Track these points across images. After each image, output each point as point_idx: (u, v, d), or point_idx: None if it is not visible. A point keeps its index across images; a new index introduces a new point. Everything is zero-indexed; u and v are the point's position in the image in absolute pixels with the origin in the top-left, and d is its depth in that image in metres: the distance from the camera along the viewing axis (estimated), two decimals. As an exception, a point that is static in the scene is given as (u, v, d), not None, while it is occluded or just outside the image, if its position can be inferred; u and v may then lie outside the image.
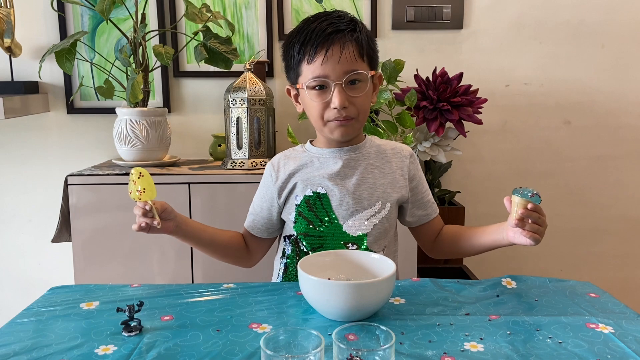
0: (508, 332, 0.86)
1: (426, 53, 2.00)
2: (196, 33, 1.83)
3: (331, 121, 1.11)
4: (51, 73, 2.00)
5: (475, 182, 2.09)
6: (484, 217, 2.03)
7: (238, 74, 1.80)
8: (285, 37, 1.17)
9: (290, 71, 1.16)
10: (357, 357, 0.68)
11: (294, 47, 1.12)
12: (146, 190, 1.02)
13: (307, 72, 1.10)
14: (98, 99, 2.02)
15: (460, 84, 1.80)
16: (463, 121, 1.79)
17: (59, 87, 2.02)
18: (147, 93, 1.78)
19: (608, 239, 2.13)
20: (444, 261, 1.97)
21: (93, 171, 1.69)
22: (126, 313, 0.87)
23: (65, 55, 1.64)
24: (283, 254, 1.22)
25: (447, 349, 0.81)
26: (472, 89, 1.82)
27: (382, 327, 0.74)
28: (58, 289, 1.05)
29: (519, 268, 2.10)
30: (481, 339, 0.84)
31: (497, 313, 0.94)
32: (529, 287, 1.05)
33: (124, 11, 1.90)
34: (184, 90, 2.04)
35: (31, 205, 2.08)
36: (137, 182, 1.02)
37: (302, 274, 0.90)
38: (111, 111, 1.88)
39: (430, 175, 1.97)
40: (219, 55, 1.71)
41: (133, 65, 1.73)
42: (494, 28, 2.00)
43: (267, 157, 1.76)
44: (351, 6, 1.96)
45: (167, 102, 2.02)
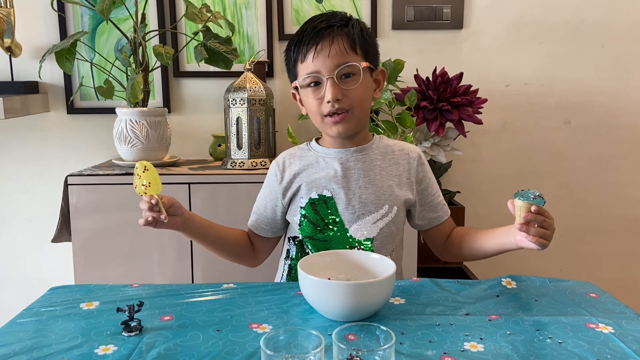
0: (508, 332, 0.86)
1: (426, 53, 2.00)
2: (196, 33, 1.83)
3: (327, 116, 1.10)
4: (51, 73, 2.00)
5: (475, 182, 2.09)
6: (484, 217, 2.03)
7: (238, 74, 1.80)
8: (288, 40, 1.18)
9: (289, 74, 1.17)
10: (357, 357, 0.68)
11: (291, 49, 1.13)
12: (152, 184, 1.01)
13: (302, 71, 1.11)
14: (98, 99, 2.02)
15: (460, 84, 1.80)
16: (463, 121, 1.79)
17: (59, 87, 2.02)
18: (147, 93, 1.78)
19: (608, 239, 2.13)
20: (444, 261, 1.97)
21: (93, 171, 1.69)
22: (126, 313, 0.87)
23: (65, 55, 1.64)
24: (287, 255, 1.21)
25: (447, 349, 0.81)
26: (472, 89, 1.82)
27: (382, 327, 0.73)
28: (58, 289, 1.05)
29: (519, 268, 2.10)
30: (481, 339, 0.84)
31: (497, 313, 0.93)
32: (529, 287, 1.05)
33: (124, 11, 1.90)
34: (184, 90, 2.04)
35: (31, 205, 2.08)
36: (143, 176, 1.01)
37: (302, 274, 0.90)
38: (111, 111, 1.88)
39: (430, 175, 1.97)
40: (219, 55, 1.71)
41: (133, 65, 1.73)
42: (494, 28, 2.00)
43: (267, 157, 1.76)
44: (351, 6, 1.96)
45: (167, 102, 2.02)
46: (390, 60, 1.74)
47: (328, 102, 1.08)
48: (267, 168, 1.72)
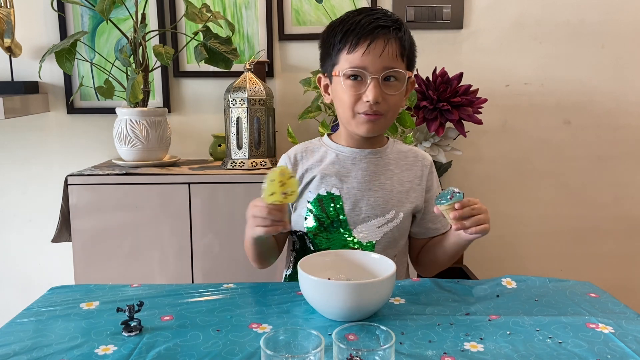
0: (508, 332, 0.86)
1: (426, 53, 2.00)
2: (196, 33, 1.83)
3: (360, 114, 1.09)
4: (51, 73, 2.00)
5: (475, 182, 2.08)
6: (484, 217, 2.03)
7: (238, 74, 1.80)
8: (326, 27, 1.15)
9: (327, 59, 1.14)
10: (357, 357, 0.68)
11: (336, 36, 1.10)
12: (293, 192, 0.94)
13: (345, 62, 1.08)
14: (98, 99, 2.02)
15: (460, 84, 1.80)
16: (463, 121, 1.79)
17: (59, 87, 2.02)
18: (147, 93, 1.78)
19: (608, 239, 2.13)
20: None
21: (93, 171, 1.69)
22: (126, 313, 0.87)
23: (65, 55, 1.64)
24: (293, 247, 1.22)
25: (447, 349, 0.81)
26: (472, 89, 1.82)
27: (382, 327, 0.74)
28: (58, 289, 1.05)
29: (519, 268, 2.10)
30: (481, 339, 0.84)
31: (497, 313, 0.94)
32: (529, 287, 1.05)
33: (124, 11, 1.90)
34: (184, 90, 2.04)
35: (31, 205, 2.08)
36: (288, 184, 0.93)
37: (302, 274, 0.90)
38: (111, 111, 1.87)
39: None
40: (219, 55, 1.71)
41: (133, 65, 1.73)
42: (494, 28, 2.00)
43: (267, 157, 1.76)
44: (351, 6, 1.96)
45: (167, 102, 2.02)
46: (390, 60, 1.73)
47: (367, 102, 1.07)
48: (268, 168, 1.73)
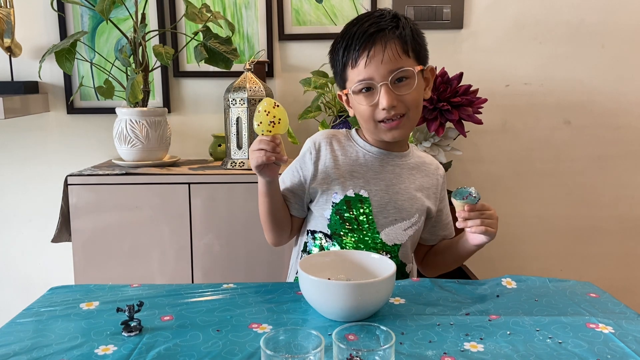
0: (508, 332, 0.86)
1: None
2: (196, 33, 1.83)
3: (382, 122, 1.09)
4: (51, 73, 2.00)
5: (475, 182, 2.08)
6: (484, 217, 2.03)
7: (238, 74, 1.80)
8: (330, 46, 1.15)
9: (337, 77, 1.15)
10: (357, 357, 0.68)
11: (338, 53, 1.10)
12: (281, 121, 0.94)
13: (353, 76, 1.08)
14: (98, 99, 2.02)
15: (460, 84, 1.80)
16: (463, 121, 1.79)
17: (59, 87, 2.02)
18: (147, 93, 1.78)
19: (608, 239, 2.13)
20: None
21: (93, 171, 1.69)
22: (126, 313, 0.87)
23: (65, 55, 1.64)
24: (304, 248, 1.18)
25: (447, 349, 0.81)
26: (472, 89, 1.82)
27: (382, 327, 0.74)
28: (58, 289, 1.05)
29: (519, 268, 2.10)
30: (481, 339, 0.84)
31: (497, 313, 0.94)
32: (529, 287, 1.05)
33: (124, 11, 1.90)
34: (184, 90, 2.04)
35: (31, 205, 2.08)
36: (272, 112, 0.94)
37: (302, 274, 0.90)
38: (111, 111, 1.88)
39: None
40: (219, 55, 1.71)
41: (133, 65, 1.73)
42: (494, 28, 2.00)
43: (267, 157, 1.76)
44: (351, 6, 1.96)
45: (167, 102, 2.02)
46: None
47: (383, 109, 1.06)
48: (267, 168, 1.73)
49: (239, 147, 1.74)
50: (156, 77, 2.00)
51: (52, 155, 2.05)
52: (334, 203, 1.12)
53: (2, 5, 1.86)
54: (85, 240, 1.67)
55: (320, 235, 1.16)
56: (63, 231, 1.69)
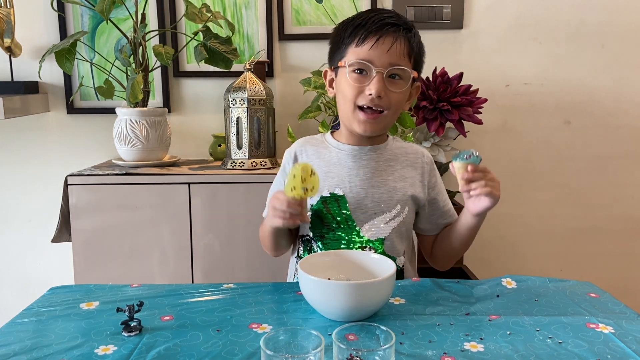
0: (508, 332, 0.86)
1: (426, 53, 2.00)
2: (196, 33, 1.83)
3: (362, 109, 1.09)
4: (51, 73, 2.00)
5: (475, 182, 2.08)
6: (484, 217, 2.03)
7: (238, 74, 1.80)
8: (337, 25, 1.17)
9: (335, 53, 1.15)
10: (357, 357, 0.68)
11: (346, 30, 1.12)
12: (314, 189, 0.98)
13: (353, 54, 1.09)
14: (98, 99, 2.02)
15: (460, 84, 1.80)
16: (463, 121, 1.79)
17: (59, 87, 2.02)
18: (147, 93, 1.78)
19: (608, 239, 2.13)
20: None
21: (93, 171, 1.69)
22: (126, 313, 0.87)
23: (65, 55, 1.64)
24: (297, 254, 1.20)
25: (447, 349, 0.81)
26: (472, 89, 1.82)
27: (382, 327, 0.74)
28: (58, 289, 1.05)
29: (519, 268, 2.10)
30: (481, 339, 0.84)
31: (497, 313, 0.94)
32: (529, 287, 1.05)
33: (124, 11, 1.90)
34: (184, 90, 2.04)
35: (31, 205, 2.08)
36: (309, 180, 0.97)
37: (302, 274, 0.90)
38: (111, 111, 1.87)
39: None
40: (219, 55, 1.71)
41: (133, 65, 1.73)
42: (494, 28, 2.00)
43: (267, 157, 1.76)
44: (351, 6, 1.96)
45: (167, 102, 2.02)
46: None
47: (369, 95, 1.07)
48: (268, 168, 1.73)
49: (239, 147, 1.74)
50: (156, 77, 2.00)
51: (52, 155, 2.05)
52: (311, 205, 1.14)
53: (2, 5, 1.86)
54: (85, 240, 1.67)
55: (307, 238, 1.18)
56: (63, 231, 1.69)
